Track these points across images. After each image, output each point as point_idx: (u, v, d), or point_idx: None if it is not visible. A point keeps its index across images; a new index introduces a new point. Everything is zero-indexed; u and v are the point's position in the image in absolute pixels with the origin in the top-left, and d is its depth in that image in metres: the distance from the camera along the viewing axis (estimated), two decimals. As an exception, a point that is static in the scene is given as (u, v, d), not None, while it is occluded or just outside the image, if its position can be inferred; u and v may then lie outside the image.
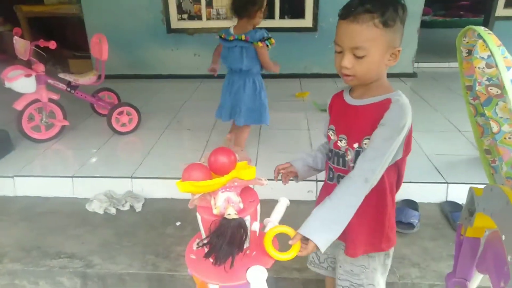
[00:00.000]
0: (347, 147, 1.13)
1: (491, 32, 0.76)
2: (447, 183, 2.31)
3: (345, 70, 1.04)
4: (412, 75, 4.64)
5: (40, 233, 2.17)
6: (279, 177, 1.37)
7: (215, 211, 1.03)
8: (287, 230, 1.04)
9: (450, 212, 2.15)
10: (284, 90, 4.22)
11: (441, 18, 8.60)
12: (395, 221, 1.23)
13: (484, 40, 0.75)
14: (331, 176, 1.23)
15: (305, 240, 1.00)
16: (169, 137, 3.07)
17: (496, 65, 0.71)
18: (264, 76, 2.70)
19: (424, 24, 4.65)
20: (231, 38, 2.36)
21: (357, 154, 1.10)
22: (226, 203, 1.03)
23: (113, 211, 2.33)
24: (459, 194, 2.27)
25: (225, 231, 0.96)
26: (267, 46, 2.36)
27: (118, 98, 3.50)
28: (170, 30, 4.59)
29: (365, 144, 1.08)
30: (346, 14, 1.02)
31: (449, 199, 2.29)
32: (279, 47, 4.58)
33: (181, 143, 3.01)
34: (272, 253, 1.02)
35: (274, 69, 2.49)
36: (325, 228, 1.01)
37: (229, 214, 0.98)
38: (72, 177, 2.51)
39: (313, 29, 4.51)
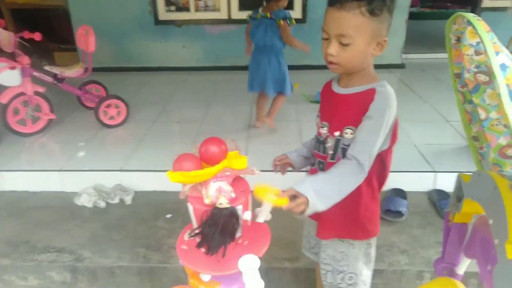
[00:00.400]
0: (328, 134, 1.14)
1: (480, 18, 0.77)
2: (435, 171, 2.34)
3: (330, 58, 1.05)
4: (401, 66, 4.67)
5: (28, 228, 2.14)
6: (278, 169, 1.40)
7: (206, 201, 1.03)
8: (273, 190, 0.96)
9: (438, 200, 2.18)
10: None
11: (429, 10, 8.65)
12: (378, 213, 1.23)
13: (473, 26, 0.76)
14: (312, 161, 1.27)
15: (294, 198, 0.97)
16: (158, 130, 3.05)
17: (485, 50, 0.71)
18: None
19: (411, 16, 4.66)
20: (258, 16, 2.69)
21: (337, 142, 1.11)
22: (218, 193, 1.03)
23: (102, 204, 2.31)
24: (446, 183, 2.30)
25: (217, 220, 0.96)
26: (288, 24, 2.67)
27: (105, 90, 3.45)
28: (158, 21, 4.53)
29: (346, 133, 1.08)
30: (334, 1, 1.02)
31: (437, 187, 2.32)
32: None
33: (170, 135, 2.99)
34: (267, 197, 0.95)
35: (300, 45, 2.79)
36: (317, 194, 0.97)
37: (221, 204, 0.98)
38: (60, 170, 2.48)
39: (302, 20, 4.49)
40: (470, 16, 0.79)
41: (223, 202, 0.99)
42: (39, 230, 2.12)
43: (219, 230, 0.97)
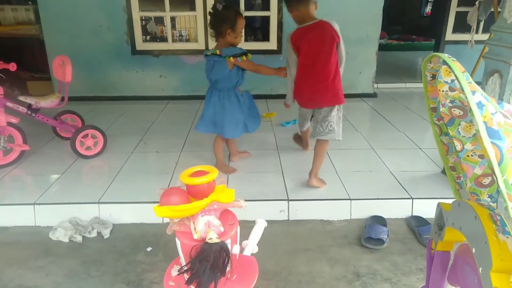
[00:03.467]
0: None
1: (455, 59, 0.83)
2: (412, 198, 2.41)
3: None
4: (373, 95, 4.85)
5: (-2, 266, 2.03)
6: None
7: (195, 236, 1.02)
8: None
9: (416, 226, 2.24)
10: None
11: (395, 42, 9.11)
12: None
13: (449, 66, 0.82)
14: None
15: None
16: (137, 160, 3.01)
17: (462, 90, 0.77)
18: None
19: (379, 47, 4.90)
20: (209, 53, 2.54)
21: None
22: (207, 227, 1.02)
23: (79, 238, 2.23)
24: (423, 209, 2.37)
25: (208, 255, 0.95)
26: (241, 60, 2.51)
27: (82, 121, 3.40)
28: (135, 51, 4.55)
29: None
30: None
31: (414, 213, 2.39)
32: (245, 68, 4.66)
33: (149, 166, 2.95)
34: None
35: (271, 71, 2.66)
36: None
37: (210, 238, 0.98)
38: (33, 204, 2.39)
39: (278, 51, 4.63)
40: (445, 56, 0.86)
41: (213, 237, 0.99)
42: (11, 267, 2.01)
43: (209, 266, 0.96)
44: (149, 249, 2.15)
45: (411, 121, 3.94)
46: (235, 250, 1.07)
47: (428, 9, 11.53)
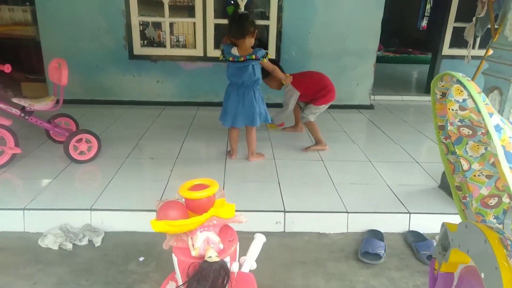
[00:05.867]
0: None
1: (469, 79, 0.81)
2: (409, 213, 2.39)
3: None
4: (369, 107, 4.85)
5: (-16, 273, 1.96)
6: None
7: (193, 253, 0.98)
8: None
9: (413, 242, 2.21)
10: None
11: (392, 54, 9.17)
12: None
13: (464, 87, 0.80)
14: None
15: None
16: (131, 166, 2.96)
17: (478, 111, 0.75)
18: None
19: (376, 59, 4.92)
20: (242, 59, 2.83)
21: None
22: (206, 244, 0.98)
23: (69, 246, 2.17)
24: (420, 224, 2.35)
25: (207, 275, 0.91)
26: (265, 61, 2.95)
27: (76, 124, 3.34)
28: (132, 56, 4.51)
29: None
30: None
31: (412, 228, 2.36)
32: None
33: (143, 172, 2.90)
34: None
35: (284, 78, 3.19)
36: None
37: (210, 257, 0.94)
38: (23, 209, 2.33)
39: (276, 61, 4.61)
40: (460, 76, 0.84)
41: (212, 255, 0.95)
42: (-2, 275, 1.95)
43: (208, 286, 0.92)
44: (141, 259, 2.09)
45: (408, 134, 3.94)
46: (234, 268, 1.03)
47: (424, 23, 11.65)
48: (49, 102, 2.94)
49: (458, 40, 5.33)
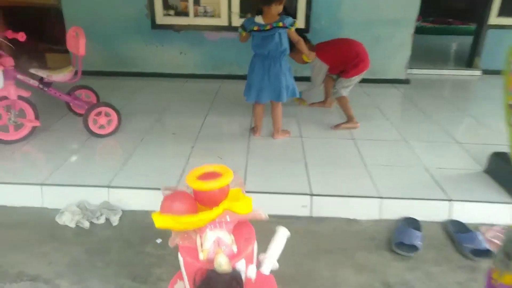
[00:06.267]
0: None
1: None
2: (450, 200, 2.16)
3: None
4: (405, 81, 4.52)
5: (1, 249, 1.91)
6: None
7: (201, 256, 0.82)
8: None
9: (454, 232, 2.00)
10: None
11: (430, 25, 8.57)
12: None
13: None
14: None
15: None
16: (151, 142, 2.84)
17: None
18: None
19: (415, 30, 4.53)
20: (268, 27, 2.61)
21: None
22: (216, 246, 0.82)
23: (86, 224, 2.10)
24: (463, 213, 2.13)
25: (215, 287, 0.75)
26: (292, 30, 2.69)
27: (97, 97, 3.24)
28: (155, 25, 4.33)
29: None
30: None
31: (453, 217, 2.14)
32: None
33: (164, 148, 2.78)
34: None
35: (308, 53, 2.90)
36: None
37: (220, 265, 0.77)
38: (41, 184, 2.26)
39: (306, 30, 4.32)
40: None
41: (223, 263, 0.78)
42: (14, 252, 1.90)
43: None
44: (159, 241, 1.99)
45: (447, 112, 3.62)
46: (250, 272, 0.87)
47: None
48: (67, 73, 2.83)
49: (508, 7, 4.85)
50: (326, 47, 3.16)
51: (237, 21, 4.28)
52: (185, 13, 4.35)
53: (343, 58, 3.09)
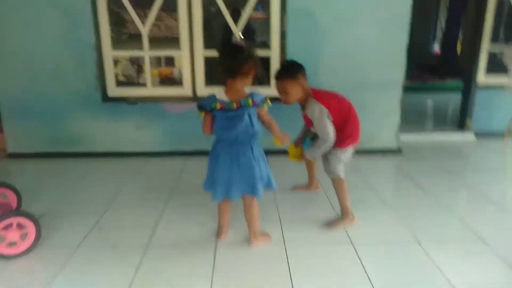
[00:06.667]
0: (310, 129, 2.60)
1: None
2: None
3: (283, 101, 2.44)
4: (397, 150, 3.99)
5: None
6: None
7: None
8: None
9: None
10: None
11: (408, 82, 8.38)
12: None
13: None
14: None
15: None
16: (81, 262, 2.08)
17: None
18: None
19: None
20: (235, 106, 2.02)
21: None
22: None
23: None
24: None
25: None
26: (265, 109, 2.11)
27: (18, 197, 2.50)
28: (106, 98, 3.72)
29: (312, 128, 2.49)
30: (275, 76, 2.41)
31: None
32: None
33: (96, 273, 2.01)
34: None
35: (282, 138, 2.20)
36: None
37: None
38: None
39: (280, 98, 3.80)
40: None
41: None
42: None
43: None
44: None
45: (454, 191, 3.07)
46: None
47: (437, 47, 10.94)
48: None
49: (496, 64, 4.56)
50: (324, 93, 2.47)
51: (203, 90, 3.74)
52: (141, 83, 3.78)
53: (345, 111, 2.43)
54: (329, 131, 2.34)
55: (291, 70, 2.38)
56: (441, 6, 10.72)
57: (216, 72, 2.11)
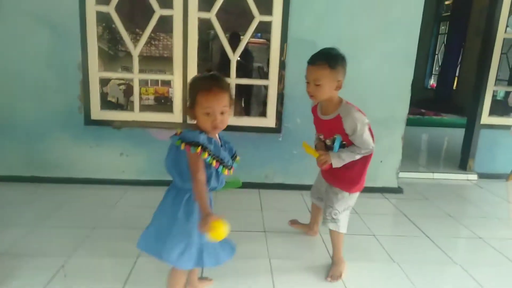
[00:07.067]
0: (324, 139, 2.18)
1: None
2: None
3: (310, 93, 2.01)
4: (397, 190, 3.76)
5: None
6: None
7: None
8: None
9: None
10: (241, 202, 3.24)
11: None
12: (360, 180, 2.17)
13: None
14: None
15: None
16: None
17: None
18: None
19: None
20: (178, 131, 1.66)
21: (330, 143, 2.13)
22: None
23: None
24: None
25: None
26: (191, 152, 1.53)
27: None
28: (89, 121, 3.46)
29: (333, 138, 2.08)
30: (309, 61, 2.01)
31: None
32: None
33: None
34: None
35: (203, 220, 1.42)
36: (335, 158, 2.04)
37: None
38: None
39: (277, 130, 3.58)
40: None
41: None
42: None
43: None
44: None
45: (467, 241, 2.82)
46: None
47: (433, 81, 10.96)
48: None
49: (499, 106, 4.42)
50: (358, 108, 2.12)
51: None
52: (125, 105, 3.53)
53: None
54: (371, 142, 2.06)
55: (332, 58, 1.96)
56: (439, 41, 10.80)
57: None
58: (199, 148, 1.51)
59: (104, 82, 3.65)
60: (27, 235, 2.52)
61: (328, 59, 1.95)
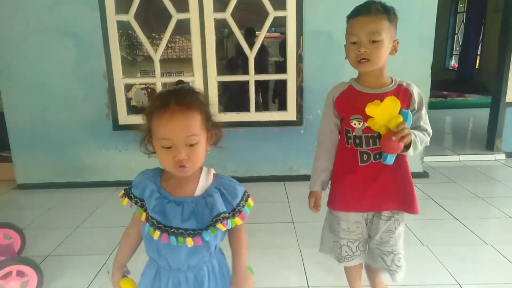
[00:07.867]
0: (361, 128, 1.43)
1: None
2: None
3: (364, 54, 1.36)
4: (423, 174, 3.75)
5: None
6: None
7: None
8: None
9: None
10: (267, 195, 3.32)
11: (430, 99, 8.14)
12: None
13: None
14: (365, 158, 1.45)
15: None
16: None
17: None
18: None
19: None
20: None
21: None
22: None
23: None
24: None
25: None
26: None
27: (22, 238, 2.35)
28: (117, 126, 3.60)
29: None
30: (361, 11, 1.38)
31: None
32: (255, 145, 3.66)
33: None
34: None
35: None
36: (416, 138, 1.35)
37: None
38: None
39: (298, 123, 3.63)
40: None
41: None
42: None
43: None
44: None
45: (493, 220, 2.79)
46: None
47: (454, 62, 10.70)
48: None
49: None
50: None
51: (218, 116, 3.58)
52: (153, 110, 3.66)
53: None
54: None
55: (388, 9, 1.40)
56: (458, 20, 10.53)
57: None
58: (122, 192, 1.16)
59: (127, 87, 3.78)
60: (69, 237, 2.67)
61: (385, 9, 1.38)
